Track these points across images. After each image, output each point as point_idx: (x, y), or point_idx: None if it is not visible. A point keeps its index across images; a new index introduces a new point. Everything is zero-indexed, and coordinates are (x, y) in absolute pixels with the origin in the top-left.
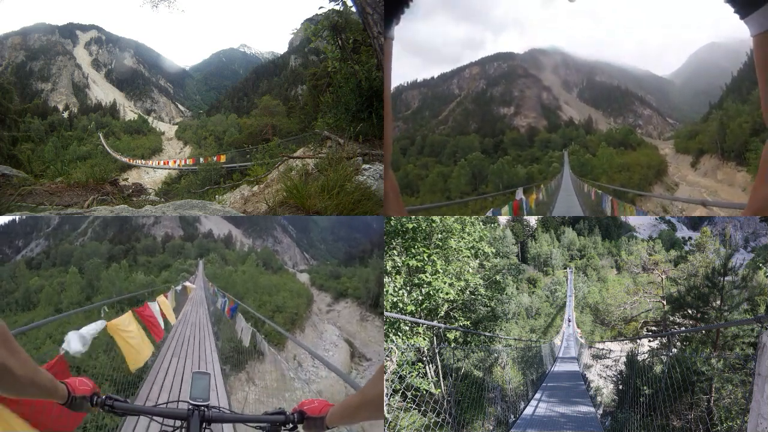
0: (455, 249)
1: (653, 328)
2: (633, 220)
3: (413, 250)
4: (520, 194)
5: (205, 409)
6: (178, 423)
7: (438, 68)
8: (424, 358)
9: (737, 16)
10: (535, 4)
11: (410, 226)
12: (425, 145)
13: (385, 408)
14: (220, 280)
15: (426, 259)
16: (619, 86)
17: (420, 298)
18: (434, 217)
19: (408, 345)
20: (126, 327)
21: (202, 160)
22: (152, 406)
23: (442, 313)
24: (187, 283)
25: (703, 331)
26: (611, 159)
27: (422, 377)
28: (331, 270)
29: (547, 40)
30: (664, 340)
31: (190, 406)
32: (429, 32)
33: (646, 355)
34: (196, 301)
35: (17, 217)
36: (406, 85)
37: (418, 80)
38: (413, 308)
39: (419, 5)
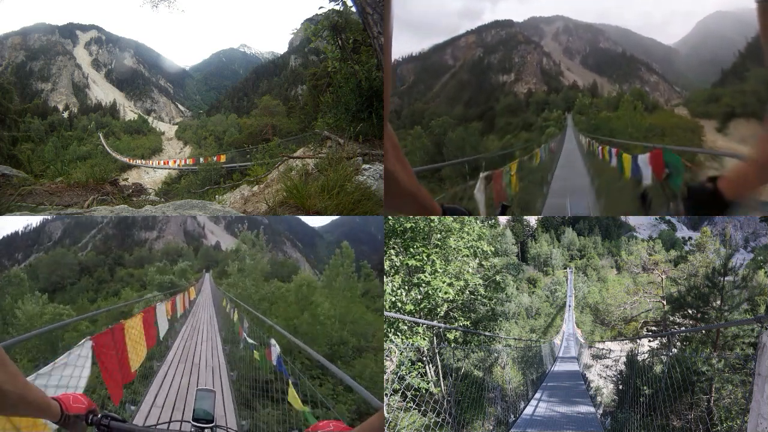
0: (454, 248)
1: (653, 328)
2: (633, 220)
3: (412, 250)
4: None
5: (209, 430)
6: None
7: (434, 41)
8: (424, 358)
9: None
10: None
11: (408, 225)
12: (407, 115)
13: (385, 408)
14: (265, 304)
15: (425, 258)
16: (624, 52)
17: (419, 297)
18: (433, 217)
19: (407, 345)
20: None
21: (202, 160)
22: (152, 426)
23: (442, 312)
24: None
25: (703, 331)
26: (636, 118)
27: (422, 377)
28: (361, 286)
29: (549, 8)
30: (664, 340)
31: (193, 427)
32: (424, 5)
33: (646, 355)
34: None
35: (20, 229)
36: (401, 59)
37: (414, 54)
38: (412, 308)
39: None
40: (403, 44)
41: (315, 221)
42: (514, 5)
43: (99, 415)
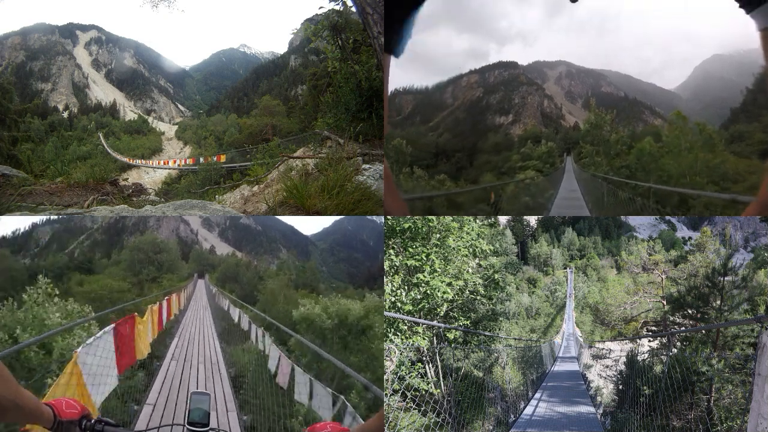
0: (453, 248)
1: (653, 328)
2: (633, 220)
3: (411, 250)
4: None
5: None
6: None
7: (437, 78)
8: (424, 358)
9: (739, 28)
10: (540, 17)
11: (407, 225)
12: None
13: (385, 408)
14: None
15: (424, 258)
16: (626, 96)
17: (418, 297)
18: (431, 217)
19: (407, 345)
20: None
21: (202, 160)
22: (146, 430)
23: (442, 312)
24: None
25: (703, 331)
26: (701, 158)
27: (422, 377)
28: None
29: (552, 52)
30: (664, 340)
31: (188, 431)
32: (431, 43)
33: (646, 355)
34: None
35: (8, 234)
36: (401, 90)
37: (414, 86)
38: (411, 308)
39: (421, 17)
40: (406, 78)
41: (307, 229)
42: (519, 49)
43: (92, 420)
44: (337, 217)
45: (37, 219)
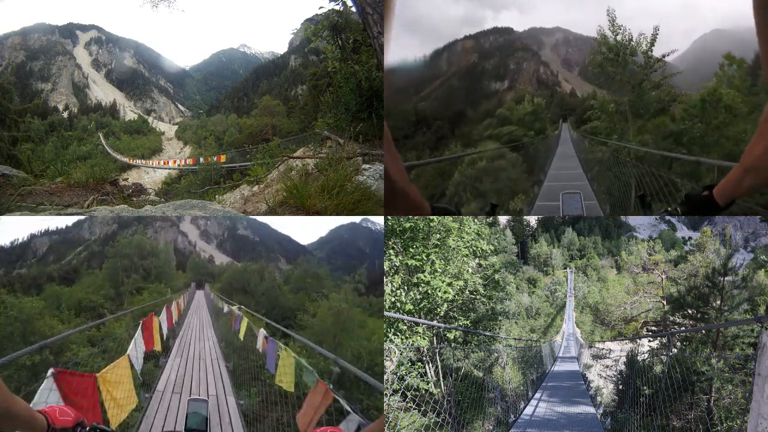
0: (453, 248)
1: (653, 328)
2: (633, 220)
3: (412, 250)
4: None
5: None
6: None
7: (434, 46)
8: (424, 358)
9: (741, 4)
10: None
11: (408, 225)
12: None
13: (385, 408)
14: None
15: (425, 258)
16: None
17: (418, 297)
18: (432, 217)
19: (407, 345)
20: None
21: (202, 160)
22: None
23: (442, 312)
24: None
25: (703, 331)
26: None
27: (422, 377)
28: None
29: (549, 19)
30: (664, 340)
31: None
32: (427, 10)
33: (646, 355)
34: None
35: (7, 243)
36: (395, 65)
37: (409, 57)
38: (411, 307)
39: None
40: (403, 47)
41: (304, 238)
42: (515, 15)
43: (87, 428)
44: (333, 226)
45: (35, 230)
